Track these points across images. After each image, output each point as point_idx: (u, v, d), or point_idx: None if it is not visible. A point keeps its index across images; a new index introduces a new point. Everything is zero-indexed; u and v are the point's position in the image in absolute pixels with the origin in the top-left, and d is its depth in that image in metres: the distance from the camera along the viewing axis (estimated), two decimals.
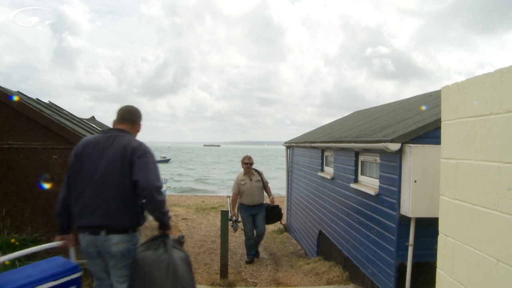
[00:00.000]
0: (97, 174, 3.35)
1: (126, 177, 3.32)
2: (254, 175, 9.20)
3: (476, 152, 2.11)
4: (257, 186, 9.07)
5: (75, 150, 3.52)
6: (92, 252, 3.50)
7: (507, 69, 1.89)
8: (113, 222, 3.36)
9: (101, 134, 3.59)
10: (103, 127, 11.25)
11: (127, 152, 3.34)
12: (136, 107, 3.79)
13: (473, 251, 2.09)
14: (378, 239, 6.07)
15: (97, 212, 3.36)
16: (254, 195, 9.02)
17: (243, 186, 9.01)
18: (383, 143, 5.40)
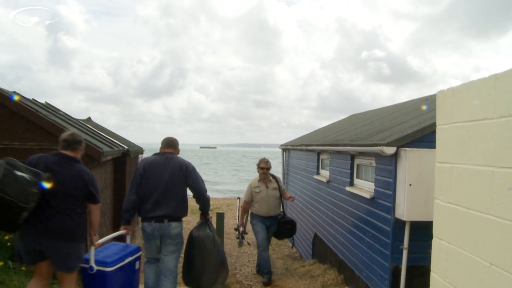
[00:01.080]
0: (163, 182, 4.87)
1: (182, 185, 4.97)
2: (271, 182, 7.81)
3: (470, 157, 2.13)
4: (274, 195, 7.72)
5: (142, 166, 4.99)
6: (156, 234, 4.84)
7: (501, 75, 1.91)
8: (173, 213, 4.87)
9: (159, 155, 5.11)
10: (100, 128, 11.24)
11: (183, 168, 4.97)
12: (175, 137, 5.35)
13: (467, 255, 2.11)
14: (373, 242, 6.09)
15: (163, 207, 4.83)
16: (270, 206, 7.69)
17: (258, 195, 7.67)
18: (379, 147, 5.42)
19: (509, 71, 1.86)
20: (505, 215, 1.82)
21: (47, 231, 3.83)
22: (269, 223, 7.79)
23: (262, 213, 7.67)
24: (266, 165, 7.74)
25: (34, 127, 5.48)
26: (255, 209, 7.74)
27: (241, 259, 9.64)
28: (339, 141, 8.00)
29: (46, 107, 7.61)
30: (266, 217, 7.71)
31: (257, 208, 7.69)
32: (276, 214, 7.83)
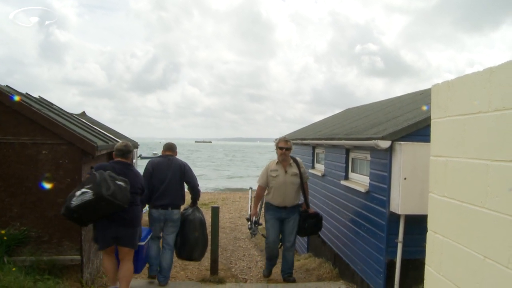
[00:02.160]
0: (167, 178, 6.17)
1: (181, 180, 6.34)
2: (291, 166, 6.79)
3: (465, 150, 2.13)
4: (292, 182, 6.71)
5: (151, 166, 6.28)
6: (162, 218, 6.19)
7: (496, 68, 1.90)
8: (175, 202, 6.24)
9: (163, 158, 6.45)
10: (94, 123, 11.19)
11: (181, 168, 6.34)
12: (173, 143, 6.71)
13: (461, 248, 2.11)
14: (367, 236, 6.11)
15: (168, 197, 6.15)
16: (287, 193, 6.69)
17: (274, 180, 6.69)
18: (374, 141, 5.42)
19: (504, 65, 1.85)
20: (500, 209, 1.83)
21: (124, 221, 5.12)
22: (285, 215, 6.80)
23: (276, 202, 6.73)
24: (285, 144, 6.69)
25: (27, 121, 5.44)
26: (269, 197, 6.83)
27: (236, 253, 9.67)
28: (334, 135, 8.00)
29: (40, 101, 7.56)
30: (281, 207, 6.76)
31: (271, 196, 6.78)
32: (293, 204, 6.78)
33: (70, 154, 5.56)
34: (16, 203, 5.45)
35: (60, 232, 5.55)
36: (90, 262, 6.17)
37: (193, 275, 7.33)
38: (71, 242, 5.59)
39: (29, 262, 5.34)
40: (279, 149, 6.73)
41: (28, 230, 5.45)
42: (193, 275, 7.33)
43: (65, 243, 5.57)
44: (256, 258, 9.29)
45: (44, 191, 5.48)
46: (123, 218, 5.07)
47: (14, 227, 5.43)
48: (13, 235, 5.33)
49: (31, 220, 5.48)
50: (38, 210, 5.49)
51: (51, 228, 5.53)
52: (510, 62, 1.81)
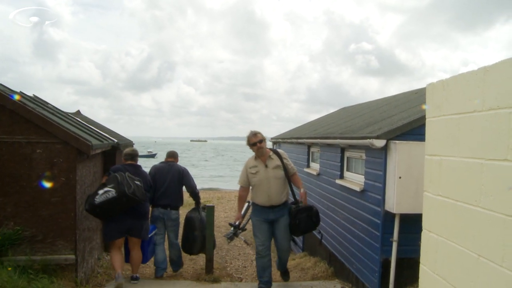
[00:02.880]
0: (167, 182, 6.88)
1: (180, 183, 7.02)
2: (271, 159, 6.09)
3: (459, 149, 2.14)
4: (275, 176, 5.99)
5: (154, 171, 7.02)
6: (161, 217, 6.91)
7: (490, 67, 1.91)
8: (174, 203, 6.96)
9: (164, 163, 7.23)
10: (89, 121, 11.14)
11: (180, 172, 7.03)
12: (175, 151, 7.65)
13: (456, 247, 2.12)
14: (363, 235, 6.12)
15: (167, 199, 6.86)
16: (272, 190, 5.97)
17: (255, 177, 6.03)
18: (369, 140, 5.43)
19: (498, 64, 1.86)
20: (494, 208, 1.83)
21: (137, 215, 6.07)
22: (274, 216, 6.08)
23: (261, 202, 6.05)
24: (256, 137, 6.04)
25: (22, 120, 5.42)
26: (253, 197, 6.21)
27: (231, 252, 9.66)
28: (329, 134, 8.00)
29: (34, 100, 7.52)
30: (267, 207, 6.03)
31: (255, 195, 6.13)
32: (281, 202, 6.04)
33: (65, 153, 5.54)
34: (10, 202, 5.42)
35: (54, 231, 5.53)
36: (85, 262, 6.15)
37: (188, 274, 7.32)
38: (65, 241, 5.56)
39: (23, 262, 5.31)
40: (252, 146, 6.05)
41: (22, 230, 5.42)
42: (188, 274, 7.32)
43: (60, 243, 5.55)
44: (251, 257, 9.28)
45: (38, 190, 5.45)
46: (135, 212, 6.02)
47: (8, 226, 5.40)
48: (7, 235, 5.30)
49: (25, 220, 5.45)
50: (32, 210, 5.46)
51: (45, 228, 5.51)
52: (504, 61, 1.82)
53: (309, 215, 6.08)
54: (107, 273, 6.79)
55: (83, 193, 5.95)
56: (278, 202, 6.03)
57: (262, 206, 6.07)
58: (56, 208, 5.50)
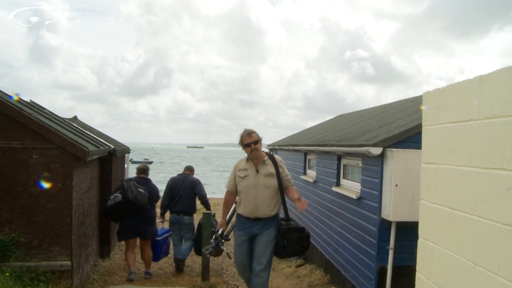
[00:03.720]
0: (181, 191, 7.82)
1: (192, 193, 7.90)
2: (265, 164, 5.27)
3: (455, 157, 2.15)
4: (266, 184, 5.17)
5: (171, 181, 8.08)
6: (175, 222, 7.80)
7: (486, 77, 1.92)
8: (186, 210, 7.80)
9: (181, 175, 8.19)
10: (86, 127, 11.12)
11: (193, 183, 7.95)
12: (192, 165, 8.78)
13: (452, 255, 2.12)
14: (359, 243, 6.11)
15: (181, 206, 7.77)
16: (260, 200, 5.15)
17: (243, 181, 5.24)
18: (365, 147, 5.44)
19: (494, 73, 1.87)
20: (490, 216, 1.84)
21: (143, 220, 7.02)
22: (258, 230, 5.22)
23: (246, 212, 5.22)
24: (250, 137, 5.21)
25: (18, 125, 5.41)
26: (238, 206, 5.39)
27: (227, 259, 9.62)
28: (325, 141, 8.02)
29: (31, 105, 7.51)
30: (252, 219, 5.20)
31: (240, 204, 5.33)
32: (268, 215, 5.19)
33: (61, 158, 5.52)
34: (5, 208, 5.40)
35: (50, 237, 5.50)
36: (80, 268, 6.12)
37: (184, 281, 7.29)
38: (61, 247, 5.54)
39: (18, 268, 5.28)
40: (246, 147, 5.22)
41: (17, 236, 5.40)
42: (184, 281, 7.29)
43: (55, 249, 5.52)
44: None
45: (34, 196, 5.43)
46: (141, 218, 6.95)
47: (3, 232, 5.37)
48: (2, 241, 5.27)
49: (20, 225, 5.43)
50: (28, 215, 5.44)
51: (41, 234, 5.48)
52: (499, 70, 1.83)
53: (300, 237, 5.28)
54: (103, 280, 6.76)
55: (79, 199, 5.93)
56: (265, 215, 5.17)
57: (247, 218, 5.23)
58: (52, 214, 5.47)
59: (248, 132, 5.24)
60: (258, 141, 5.23)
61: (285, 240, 5.20)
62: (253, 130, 5.30)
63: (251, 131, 5.28)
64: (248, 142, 5.17)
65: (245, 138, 5.22)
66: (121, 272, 7.28)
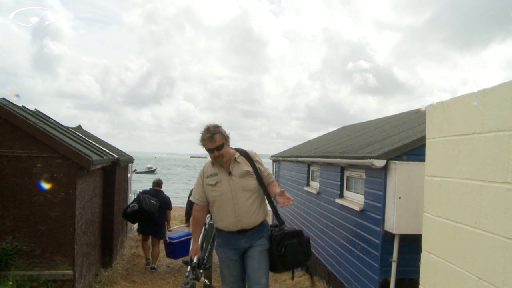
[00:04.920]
0: None
1: None
2: (237, 162, 4.24)
3: (459, 171, 2.14)
4: (244, 186, 4.15)
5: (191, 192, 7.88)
6: None
7: (489, 90, 1.93)
8: None
9: None
10: (90, 136, 11.16)
11: None
12: None
13: (455, 269, 2.11)
14: (362, 255, 6.08)
15: None
16: (240, 208, 4.12)
17: (215, 190, 4.18)
18: (369, 159, 5.44)
19: (498, 87, 1.88)
20: (494, 230, 1.83)
21: (155, 223, 8.58)
22: (247, 243, 4.18)
23: (226, 226, 4.18)
24: (212, 142, 4.04)
25: (23, 134, 5.44)
26: (215, 220, 4.34)
27: None
28: (329, 153, 8.01)
29: (36, 114, 7.56)
30: (235, 232, 4.16)
31: (216, 216, 4.26)
32: (255, 224, 4.18)
33: (65, 168, 5.55)
34: (9, 217, 5.41)
35: (52, 246, 5.51)
36: (82, 278, 6.11)
37: None
38: (63, 257, 5.54)
39: (20, 277, 5.28)
40: (209, 153, 4.14)
41: (20, 245, 5.40)
42: None
43: (58, 258, 5.52)
44: None
45: (38, 205, 5.45)
46: (153, 221, 8.54)
47: (6, 240, 5.38)
48: (5, 250, 5.28)
49: (23, 234, 5.44)
50: (31, 224, 5.45)
51: (44, 242, 5.49)
52: (503, 84, 1.84)
53: (300, 242, 4.28)
54: None
55: (82, 208, 5.94)
56: (251, 224, 4.16)
57: (229, 232, 4.18)
58: (55, 223, 5.49)
59: (210, 135, 4.02)
60: (222, 146, 4.05)
61: (282, 249, 4.16)
62: (217, 129, 4.08)
63: (213, 131, 4.02)
64: (210, 147, 4.05)
65: (206, 142, 4.07)
66: (123, 282, 7.26)
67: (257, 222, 4.19)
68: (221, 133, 4.08)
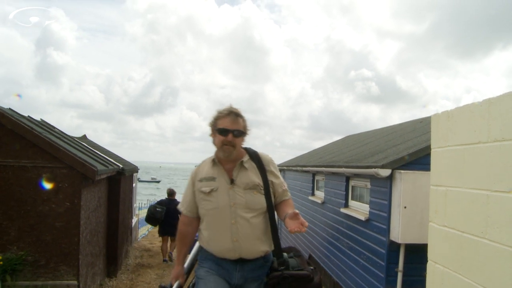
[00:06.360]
0: None
1: None
2: (244, 168, 2.96)
3: (465, 180, 2.13)
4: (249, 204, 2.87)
5: None
6: None
7: (494, 99, 1.93)
8: None
9: None
10: (95, 146, 11.21)
11: None
12: None
13: (462, 279, 2.10)
14: (367, 265, 6.05)
15: None
16: (241, 230, 2.84)
17: (209, 200, 2.93)
18: (374, 169, 5.42)
19: (503, 96, 1.87)
20: (500, 240, 1.82)
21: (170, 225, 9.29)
22: (241, 279, 2.90)
23: (219, 250, 2.93)
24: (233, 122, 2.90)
25: (28, 144, 5.46)
26: (203, 239, 3.04)
27: None
28: (334, 162, 8.00)
29: (42, 125, 7.59)
30: (229, 260, 2.91)
31: (206, 236, 2.99)
32: (258, 255, 2.90)
33: (70, 177, 5.56)
34: (14, 227, 5.42)
35: (57, 256, 5.50)
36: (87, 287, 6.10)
37: None
38: (68, 267, 5.53)
39: (25, 287, 5.27)
40: (220, 134, 2.88)
41: (25, 255, 5.40)
42: None
43: (62, 268, 5.51)
44: None
45: (42, 215, 5.46)
46: (168, 224, 9.96)
47: (11, 250, 5.38)
48: (10, 260, 5.28)
49: (28, 244, 5.44)
50: (36, 234, 5.46)
51: (48, 252, 5.49)
52: (509, 93, 1.84)
53: None
54: None
55: (87, 218, 5.95)
56: (254, 253, 2.89)
57: (221, 259, 2.92)
58: (60, 232, 5.49)
59: (234, 113, 2.92)
60: (243, 134, 2.96)
61: None
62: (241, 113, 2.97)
63: (237, 112, 2.94)
64: (226, 127, 2.87)
65: (225, 119, 2.90)
66: None
67: (262, 252, 2.90)
68: (245, 121, 2.97)
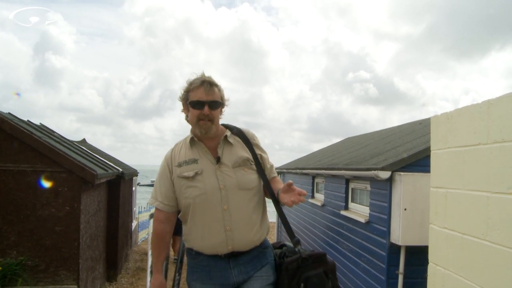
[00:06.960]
0: None
1: None
2: (229, 144, 2.53)
3: (465, 182, 2.13)
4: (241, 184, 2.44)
5: None
6: None
7: (494, 101, 1.93)
8: None
9: None
10: (94, 150, 11.21)
11: None
12: None
13: (463, 281, 2.09)
14: (368, 267, 6.04)
15: None
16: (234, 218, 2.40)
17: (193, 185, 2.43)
18: (374, 171, 5.42)
19: (502, 97, 1.87)
20: (501, 241, 1.82)
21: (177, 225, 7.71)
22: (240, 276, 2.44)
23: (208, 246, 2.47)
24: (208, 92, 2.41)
25: (28, 148, 5.46)
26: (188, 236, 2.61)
27: None
28: (333, 165, 8.00)
29: (41, 129, 7.59)
30: (222, 257, 2.44)
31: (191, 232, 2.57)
32: (254, 244, 2.48)
33: (70, 182, 5.55)
34: (13, 231, 5.41)
35: (57, 261, 5.49)
36: None
37: None
38: (68, 271, 5.52)
39: None
40: (194, 108, 2.45)
41: (25, 259, 5.39)
42: None
43: (62, 273, 5.50)
44: None
45: (42, 219, 5.45)
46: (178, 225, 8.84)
47: (11, 255, 5.37)
48: (9, 265, 5.26)
49: (28, 249, 5.43)
50: (35, 238, 5.44)
51: (48, 257, 5.48)
52: (508, 95, 1.84)
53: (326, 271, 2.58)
54: None
55: (87, 222, 5.94)
56: (249, 243, 2.49)
57: (212, 257, 2.48)
58: (59, 237, 5.48)
59: (208, 81, 2.46)
60: (219, 105, 2.51)
61: (301, 284, 2.41)
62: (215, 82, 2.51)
63: (212, 80, 2.48)
64: (200, 99, 2.43)
65: (197, 89, 2.45)
66: None
67: (257, 241, 2.51)
68: (221, 91, 2.54)
